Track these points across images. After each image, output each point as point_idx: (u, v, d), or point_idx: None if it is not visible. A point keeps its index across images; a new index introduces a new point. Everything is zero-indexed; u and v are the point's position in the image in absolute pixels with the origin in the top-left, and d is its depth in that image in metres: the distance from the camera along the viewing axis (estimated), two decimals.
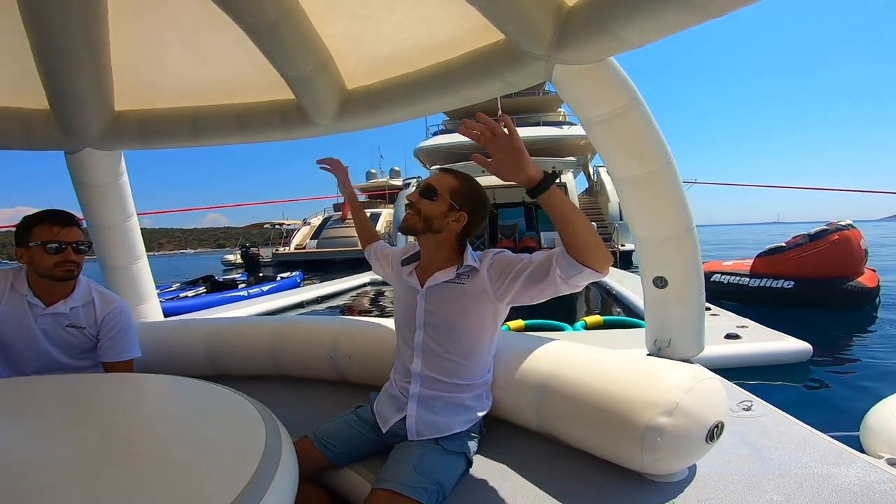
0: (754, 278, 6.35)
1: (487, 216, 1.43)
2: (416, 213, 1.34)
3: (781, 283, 6.03)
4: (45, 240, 1.57)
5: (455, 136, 22.84)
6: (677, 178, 2.02)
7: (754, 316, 3.89)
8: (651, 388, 1.14)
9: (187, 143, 2.54)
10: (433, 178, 1.37)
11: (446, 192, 1.33)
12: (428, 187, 1.34)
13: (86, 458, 0.91)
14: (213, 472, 0.85)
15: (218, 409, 1.17)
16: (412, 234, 1.37)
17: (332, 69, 2.20)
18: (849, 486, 1.10)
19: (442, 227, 1.34)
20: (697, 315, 2.15)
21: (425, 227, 1.34)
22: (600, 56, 1.72)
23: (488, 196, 1.43)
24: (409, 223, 1.35)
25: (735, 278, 6.50)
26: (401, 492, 1.12)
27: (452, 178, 1.36)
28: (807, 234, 6.05)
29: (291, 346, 2.15)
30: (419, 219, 1.34)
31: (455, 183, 1.35)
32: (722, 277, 6.65)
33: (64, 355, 1.69)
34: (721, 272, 6.70)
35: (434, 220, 1.33)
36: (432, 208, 1.33)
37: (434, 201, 1.33)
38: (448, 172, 1.39)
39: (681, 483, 1.16)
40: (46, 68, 2.08)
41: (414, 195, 1.35)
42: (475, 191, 1.38)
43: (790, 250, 6.11)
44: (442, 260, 1.37)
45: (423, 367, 1.35)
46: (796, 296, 5.94)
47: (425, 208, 1.33)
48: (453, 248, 1.37)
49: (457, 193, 1.34)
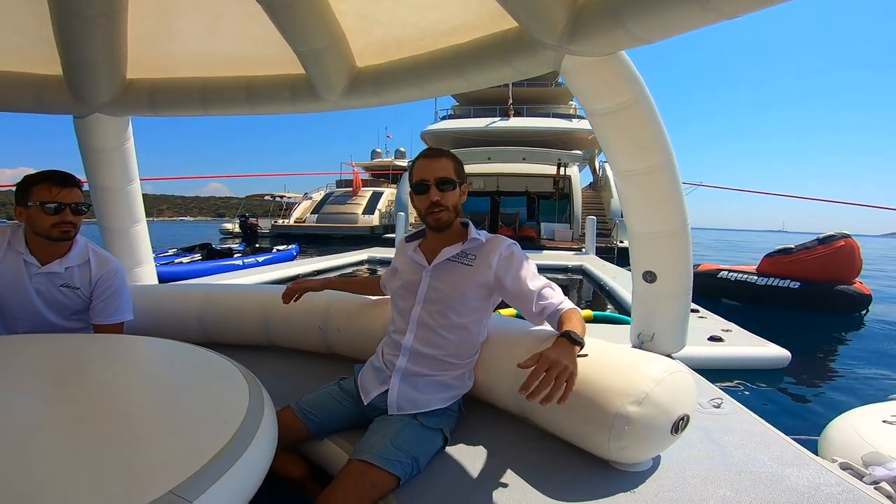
0: (761, 277, 6.47)
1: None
2: (445, 209, 1.37)
3: (788, 283, 6.19)
4: (43, 200, 1.56)
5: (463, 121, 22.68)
6: (677, 175, 2.05)
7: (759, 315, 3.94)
8: (624, 378, 1.18)
9: (196, 112, 2.56)
10: (440, 169, 1.37)
11: (455, 176, 1.39)
12: (446, 180, 1.36)
13: (68, 416, 0.93)
14: (194, 432, 0.88)
15: (204, 372, 1.20)
16: (447, 228, 1.41)
17: (344, 47, 2.20)
18: (798, 487, 1.15)
19: (460, 208, 1.41)
20: (682, 312, 2.20)
21: (455, 215, 1.40)
22: (611, 49, 1.73)
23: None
24: (445, 220, 1.38)
25: (742, 276, 6.62)
26: (376, 463, 1.16)
27: (449, 160, 1.40)
28: (815, 238, 6.27)
29: (283, 316, 2.16)
30: (450, 211, 1.38)
31: (453, 163, 1.40)
32: (729, 275, 6.76)
33: (55, 315, 1.69)
34: (728, 270, 6.81)
35: (458, 205, 1.40)
36: (455, 197, 1.39)
37: (454, 190, 1.38)
38: (441, 155, 1.41)
39: (644, 473, 1.20)
40: (64, 36, 2.10)
41: (436, 194, 1.36)
42: (460, 161, 1.44)
43: (798, 252, 6.28)
44: (448, 237, 1.43)
45: (415, 341, 1.39)
46: (801, 296, 6.11)
47: (452, 200, 1.38)
48: (457, 225, 1.44)
49: (459, 171, 1.40)
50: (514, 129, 20.88)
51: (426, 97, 2.32)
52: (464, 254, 1.40)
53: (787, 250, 6.43)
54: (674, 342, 2.24)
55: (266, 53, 2.38)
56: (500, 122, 21.53)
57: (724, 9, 1.28)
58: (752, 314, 6.14)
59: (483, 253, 1.39)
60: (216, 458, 0.77)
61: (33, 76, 2.43)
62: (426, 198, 1.37)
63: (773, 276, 6.36)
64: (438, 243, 1.43)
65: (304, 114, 2.58)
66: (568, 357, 1.12)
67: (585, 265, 8.83)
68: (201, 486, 0.70)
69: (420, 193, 1.39)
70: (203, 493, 0.69)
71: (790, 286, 6.18)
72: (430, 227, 1.43)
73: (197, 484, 0.70)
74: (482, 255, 1.39)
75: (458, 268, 1.39)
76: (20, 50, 2.35)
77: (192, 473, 0.72)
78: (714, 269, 6.96)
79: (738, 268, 7.03)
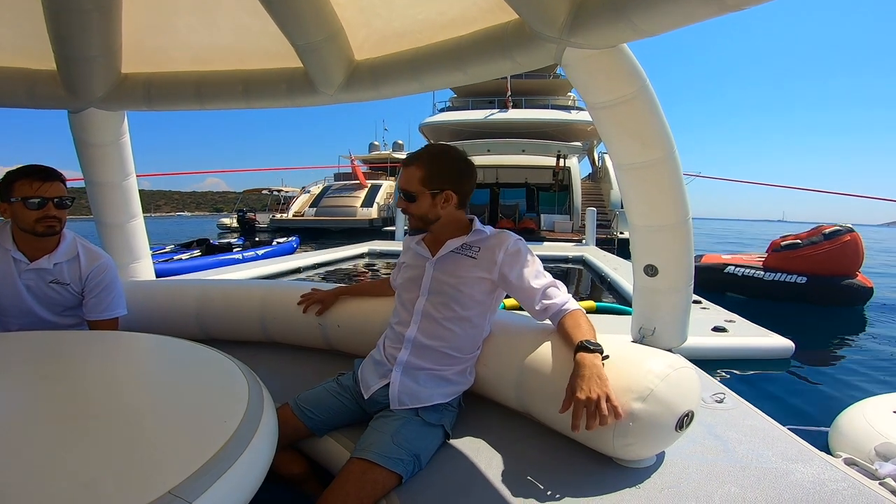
0: (769, 272, 6.55)
1: (473, 172, 1.44)
2: (412, 216, 1.39)
3: (794, 278, 6.30)
4: (25, 195, 1.55)
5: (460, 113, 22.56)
6: (678, 168, 2.03)
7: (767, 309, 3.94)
8: (628, 374, 1.17)
9: (192, 107, 2.53)
10: (403, 180, 1.38)
11: (420, 186, 1.35)
12: (404, 193, 1.37)
13: (61, 414, 0.92)
14: (192, 430, 0.87)
15: (202, 369, 1.19)
16: (423, 231, 1.43)
17: (342, 40, 2.17)
18: (803, 483, 1.14)
19: (439, 214, 1.39)
20: (684, 306, 2.19)
21: (427, 222, 1.40)
22: (613, 42, 1.71)
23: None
24: (413, 226, 1.42)
25: (749, 271, 6.69)
26: (377, 462, 1.15)
27: (418, 168, 1.36)
28: (821, 233, 6.35)
29: (281, 311, 2.14)
30: (417, 219, 1.40)
31: (422, 171, 1.36)
32: (736, 270, 6.83)
33: (48, 312, 1.67)
34: (735, 264, 6.87)
35: (428, 214, 1.38)
36: (420, 207, 1.37)
37: (417, 201, 1.36)
38: (412, 162, 1.39)
39: (648, 469, 1.20)
40: (57, 29, 2.06)
41: (401, 203, 1.40)
42: (445, 161, 1.39)
43: (805, 247, 6.36)
44: (451, 232, 1.43)
45: (419, 333, 1.39)
46: (807, 291, 6.22)
47: (415, 210, 1.38)
48: (458, 221, 1.43)
49: (429, 180, 1.35)
50: (513, 121, 20.77)
51: (425, 90, 2.29)
52: (467, 246, 1.39)
53: (795, 245, 6.52)
54: (675, 336, 2.23)
55: (263, 47, 2.34)
56: (499, 114, 21.42)
57: (728, 1, 1.25)
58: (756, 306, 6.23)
59: (488, 247, 1.38)
60: (216, 458, 0.75)
61: (26, 71, 2.39)
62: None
63: (780, 271, 6.46)
64: (441, 236, 1.43)
65: (301, 108, 2.55)
66: (597, 382, 1.11)
67: (586, 256, 8.83)
68: (201, 487, 0.69)
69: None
70: (203, 494, 0.68)
71: (797, 281, 6.29)
72: None
73: (196, 484, 0.69)
74: (487, 248, 1.38)
75: (462, 260, 1.38)
76: (12, 44, 2.31)
77: (192, 473, 0.71)
78: (720, 263, 7.02)
79: (744, 261, 7.08)
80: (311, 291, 2.04)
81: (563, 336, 1.30)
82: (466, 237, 1.40)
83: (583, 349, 1.18)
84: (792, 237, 6.71)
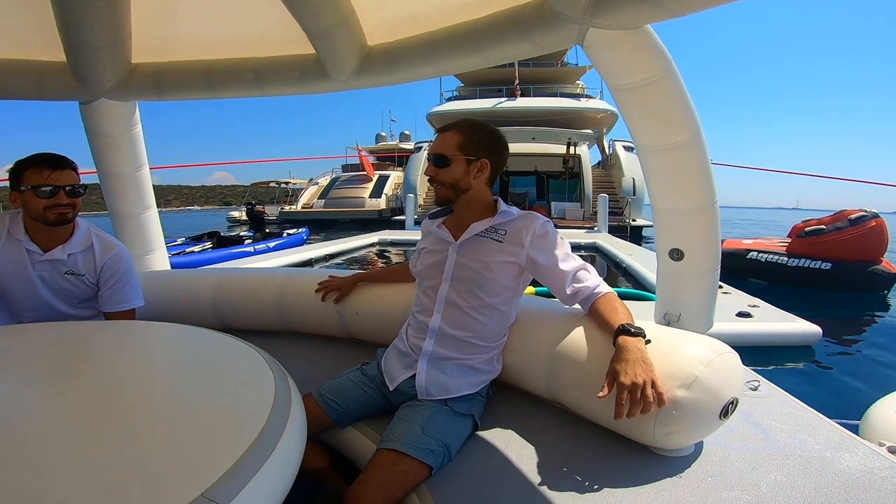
0: (793, 258, 6.49)
1: (507, 149, 1.41)
2: (441, 185, 1.33)
3: (819, 264, 6.25)
4: (36, 184, 1.51)
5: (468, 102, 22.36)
6: (704, 150, 1.97)
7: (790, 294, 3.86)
8: (669, 360, 1.12)
9: (203, 96, 2.50)
10: (438, 144, 1.34)
11: (457, 151, 1.30)
12: (438, 156, 1.31)
13: (79, 410, 0.88)
14: (220, 426, 0.82)
15: (225, 359, 1.16)
16: (449, 202, 1.37)
17: (355, 24, 2.12)
18: (851, 472, 1.11)
19: (471, 184, 1.33)
20: (711, 291, 2.14)
21: (457, 192, 1.33)
22: (638, 23, 1.64)
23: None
24: (442, 195, 1.35)
25: (773, 257, 6.65)
26: (407, 452, 1.12)
27: (456, 133, 1.32)
28: (846, 218, 6.30)
29: (298, 299, 2.11)
30: (447, 188, 1.33)
31: (460, 137, 1.32)
32: (759, 256, 6.77)
33: (64, 304, 1.64)
34: (759, 250, 6.83)
35: (460, 182, 1.32)
36: (452, 173, 1.31)
37: (451, 166, 1.31)
38: (449, 128, 1.35)
39: (687, 458, 1.16)
40: (65, 19, 2.03)
41: (430, 170, 1.33)
42: (483, 131, 1.35)
43: (830, 233, 6.31)
44: (476, 213, 1.37)
45: (443, 322, 1.34)
46: (832, 277, 6.17)
47: (446, 176, 1.32)
48: (485, 200, 1.38)
49: (467, 146, 1.31)
50: (522, 109, 20.56)
51: (441, 74, 2.24)
52: (493, 229, 1.34)
53: (819, 231, 6.46)
54: (701, 322, 2.18)
55: (272, 34, 2.29)
56: (507, 103, 21.20)
57: None
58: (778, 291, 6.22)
59: (515, 229, 1.33)
60: (247, 455, 0.71)
61: (35, 63, 2.37)
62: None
63: (805, 257, 6.41)
64: (465, 219, 1.37)
65: (313, 94, 2.51)
66: (642, 367, 1.06)
67: (599, 242, 8.75)
68: (234, 488, 0.65)
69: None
70: (237, 496, 0.64)
71: (822, 267, 6.25)
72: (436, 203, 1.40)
73: (229, 485, 0.65)
74: (513, 231, 1.33)
75: (488, 243, 1.33)
76: (20, 36, 2.29)
77: (223, 473, 0.66)
78: (742, 249, 6.98)
79: (767, 246, 7.04)
80: (329, 278, 2.01)
81: (598, 320, 1.25)
82: (492, 220, 1.35)
83: (624, 332, 1.13)
84: (815, 222, 6.64)
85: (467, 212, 1.38)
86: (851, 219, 6.27)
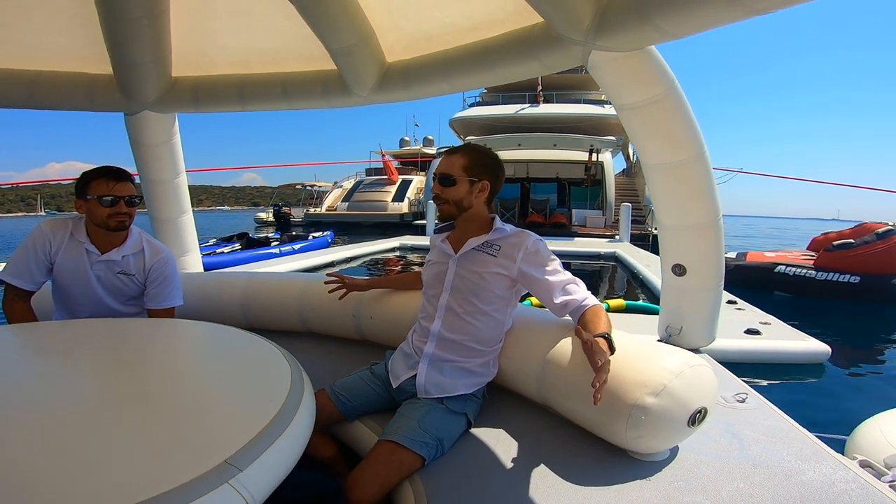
0: (821, 272, 6.49)
1: (504, 173, 1.54)
2: (446, 202, 1.46)
3: (848, 277, 6.27)
4: (100, 193, 1.69)
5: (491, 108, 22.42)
6: (709, 168, 2.02)
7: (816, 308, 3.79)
8: (644, 370, 1.21)
9: (236, 108, 2.69)
10: (444, 165, 1.46)
11: (462, 173, 1.43)
12: (445, 176, 1.44)
13: (131, 394, 1.05)
14: (243, 408, 0.98)
15: (251, 354, 1.31)
16: (452, 219, 1.50)
17: (374, 43, 2.26)
18: (812, 483, 1.15)
19: (472, 203, 1.46)
20: (713, 306, 2.18)
21: (459, 210, 1.46)
22: (639, 45, 1.72)
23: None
24: (446, 212, 1.48)
25: (801, 271, 6.66)
26: (403, 444, 1.23)
27: (461, 157, 1.45)
28: (874, 232, 6.34)
29: (318, 303, 2.27)
30: (451, 205, 1.46)
31: (465, 160, 1.45)
32: (788, 269, 6.75)
33: (114, 301, 1.83)
34: (786, 264, 6.81)
35: (463, 201, 1.45)
36: (457, 192, 1.44)
37: (456, 185, 1.44)
38: (455, 152, 1.48)
39: (660, 463, 1.23)
40: (112, 37, 2.23)
41: (436, 187, 1.46)
42: (486, 156, 1.49)
43: (859, 247, 6.34)
44: (474, 229, 1.50)
45: (443, 327, 1.47)
46: (860, 290, 6.18)
47: (451, 195, 1.45)
48: (483, 218, 1.50)
49: (470, 168, 1.44)
50: (544, 116, 20.49)
51: (455, 91, 2.36)
52: (488, 244, 1.46)
53: (848, 245, 6.48)
54: (702, 336, 2.23)
55: (298, 49, 2.46)
56: (530, 109, 21.16)
57: (755, 6, 1.26)
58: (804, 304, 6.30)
59: (508, 245, 1.44)
60: (264, 432, 0.86)
61: (84, 76, 2.58)
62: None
63: (833, 271, 6.41)
64: (465, 234, 1.50)
65: (336, 108, 2.66)
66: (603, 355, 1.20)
67: (619, 252, 8.66)
68: (251, 456, 0.79)
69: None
70: (252, 463, 0.78)
71: (850, 280, 6.27)
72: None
73: (247, 455, 0.79)
74: (507, 246, 1.44)
75: (483, 257, 1.45)
76: (71, 51, 2.50)
77: (243, 445, 0.81)
78: (769, 262, 6.93)
79: (791, 259, 7.01)
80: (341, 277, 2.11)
81: (584, 328, 1.35)
82: (487, 235, 1.47)
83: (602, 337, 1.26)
84: (835, 235, 6.55)
85: (467, 228, 1.51)
86: (879, 233, 6.26)
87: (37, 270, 1.75)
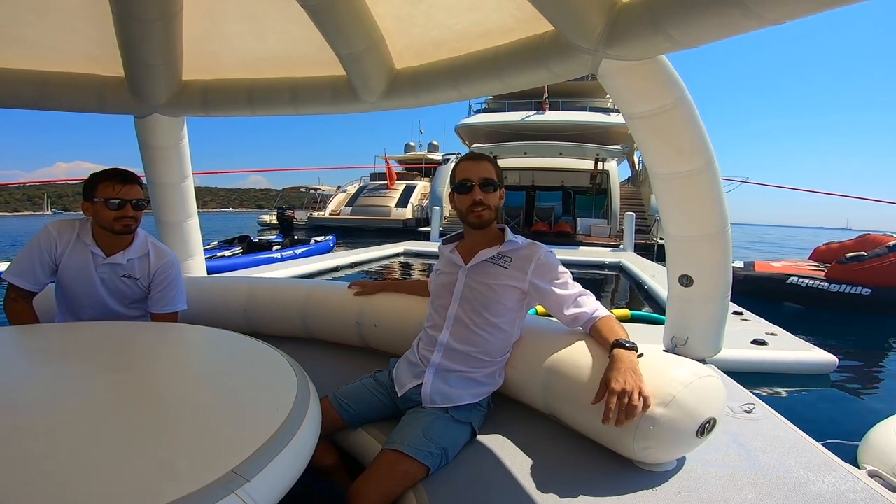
0: (833, 283, 6.57)
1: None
2: (488, 208, 1.44)
3: (860, 289, 6.36)
4: (107, 196, 1.69)
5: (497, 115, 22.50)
6: (717, 177, 2.00)
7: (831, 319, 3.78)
8: (652, 380, 1.19)
9: (244, 113, 2.69)
10: (484, 170, 1.44)
11: (497, 178, 1.46)
12: (489, 181, 1.43)
13: (134, 399, 1.03)
14: (248, 416, 0.96)
15: (255, 361, 1.29)
16: (489, 225, 1.48)
17: (383, 49, 2.27)
18: (822, 493, 1.14)
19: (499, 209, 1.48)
20: (719, 317, 2.15)
21: (495, 216, 1.47)
22: (650, 54, 1.71)
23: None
24: (486, 218, 1.45)
25: (813, 282, 6.73)
26: (408, 453, 1.22)
27: (490, 164, 1.47)
28: (885, 245, 6.47)
29: (322, 310, 2.26)
30: (493, 211, 1.46)
31: (494, 167, 1.47)
32: (800, 281, 6.80)
33: (117, 304, 1.82)
34: (798, 275, 6.87)
35: (499, 207, 1.47)
36: (496, 198, 1.46)
37: (496, 191, 1.45)
38: (482, 158, 1.48)
39: (667, 473, 1.22)
40: (125, 37, 2.24)
41: (478, 193, 1.43)
42: (499, 166, 1.51)
43: (871, 259, 6.43)
44: (486, 241, 1.49)
45: (451, 337, 1.45)
46: (872, 302, 6.25)
47: (493, 201, 1.45)
48: (495, 229, 1.50)
49: (498, 175, 1.46)
50: (550, 123, 20.54)
51: (463, 98, 2.36)
52: (500, 256, 1.45)
53: (860, 257, 6.57)
54: (708, 347, 2.20)
55: (308, 55, 2.47)
56: (535, 116, 21.22)
57: (767, 15, 1.25)
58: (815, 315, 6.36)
59: (519, 257, 1.44)
60: (270, 441, 0.84)
61: (95, 77, 2.59)
62: (469, 196, 1.43)
63: (845, 283, 6.49)
64: (476, 245, 1.49)
65: (344, 114, 2.67)
66: (632, 375, 1.16)
67: (623, 262, 8.63)
68: (258, 466, 0.78)
69: (463, 193, 1.45)
70: (259, 472, 0.76)
71: (862, 293, 6.35)
72: (470, 226, 1.49)
73: (254, 464, 0.78)
74: (518, 259, 1.43)
75: (494, 269, 1.44)
76: (82, 51, 2.50)
77: (250, 455, 0.79)
78: (782, 273, 6.95)
79: (802, 270, 7.06)
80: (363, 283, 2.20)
81: (597, 338, 1.35)
82: (499, 247, 1.46)
83: (619, 346, 1.24)
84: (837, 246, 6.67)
85: (480, 238, 1.50)
86: (891, 245, 6.37)
87: (41, 271, 1.74)
